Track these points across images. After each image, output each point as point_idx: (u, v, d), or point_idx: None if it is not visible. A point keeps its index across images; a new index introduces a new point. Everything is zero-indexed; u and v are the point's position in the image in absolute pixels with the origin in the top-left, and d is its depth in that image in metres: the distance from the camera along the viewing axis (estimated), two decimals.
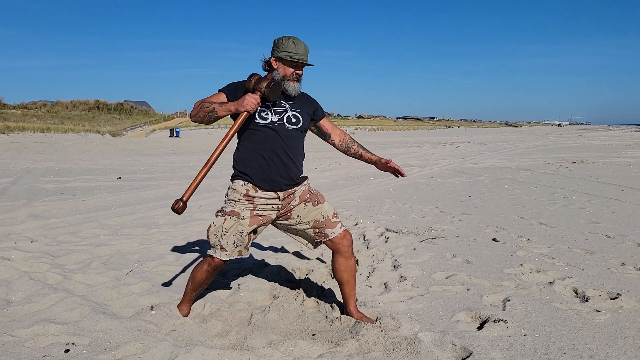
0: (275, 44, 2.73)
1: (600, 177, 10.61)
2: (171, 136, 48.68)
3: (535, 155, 17.96)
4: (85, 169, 13.75)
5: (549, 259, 4.30)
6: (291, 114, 2.81)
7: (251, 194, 2.74)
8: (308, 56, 2.76)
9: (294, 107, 2.83)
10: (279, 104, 2.79)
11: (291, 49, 2.68)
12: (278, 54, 2.70)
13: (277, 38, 2.75)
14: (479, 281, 3.70)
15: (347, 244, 2.90)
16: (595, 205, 7.04)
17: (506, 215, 6.30)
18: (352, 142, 3.07)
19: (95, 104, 69.39)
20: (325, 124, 3.04)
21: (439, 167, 13.23)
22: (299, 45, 2.70)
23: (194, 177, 2.63)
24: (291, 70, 2.73)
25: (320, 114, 3.00)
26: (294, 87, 2.76)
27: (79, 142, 33.48)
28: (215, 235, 2.74)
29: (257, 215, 2.76)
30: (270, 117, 2.74)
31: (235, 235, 2.73)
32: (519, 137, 41.40)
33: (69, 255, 4.31)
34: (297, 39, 2.72)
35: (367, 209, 6.75)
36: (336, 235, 2.87)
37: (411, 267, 4.01)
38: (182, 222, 5.96)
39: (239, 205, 2.75)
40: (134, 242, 4.90)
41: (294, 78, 2.75)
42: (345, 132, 3.12)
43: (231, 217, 2.73)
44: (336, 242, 2.88)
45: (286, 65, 2.72)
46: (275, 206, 2.80)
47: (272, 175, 2.74)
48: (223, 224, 2.73)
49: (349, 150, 3.06)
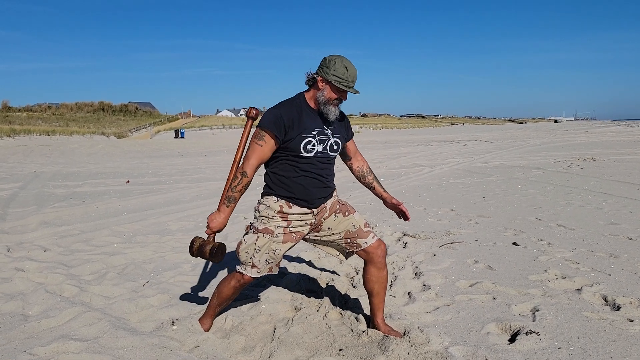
0: (326, 64, 2.55)
1: (613, 175, 10.48)
2: (176, 137, 48.74)
3: (545, 153, 17.80)
4: (93, 172, 13.71)
5: (573, 263, 4.19)
6: (333, 141, 2.70)
7: (285, 210, 2.65)
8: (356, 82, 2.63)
9: (335, 133, 2.72)
10: (323, 130, 2.65)
11: (342, 75, 2.53)
12: (327, 75, 2.54)
13: (327, 57, 2.59)
14: (504, 289, 3.60)
15: (381, 254, 2.81)
16: (612, 205, 6.92)
17: (523, 218, 6.19)
18: (369, 171, 2.98)
19: (99, 105, 69.56)
20: (350, 147, 2.94)
21: (448, 167, 13.11)
22: (351, 70, 2.56)
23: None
24: (336, 95, 2.60)
25: (350, 135, 2.91)
26: (335, 112, 2.63)
27: (85, 144, 33.54)
28: (246, 252, 2.66)
29: (291, 232, 2.68)
30: (316, 148, 2.62)
31: (268, 252, 2.65)
32: (525, 134, 41.16)
33: (84, 265, 4.24)
34: (349, 62, 2.58)
35: (381, 212, 6.66)
36: (369, 245, 2.79)
37: (433, 275, 3.91)
38: (195, 228, 5.89)
39: (272, 222, 2.66)
40: (148, 250, 4.82)
41: (337, 103, 2.63)
42: (366, 160, 3.03)
43: (264, 235, 2.64)
44: (370, 252, 2.79)
45: (333, 90, 2.58)
46: (308, 222, 2.72)
47: (310, 195, 2.66)
48: (256, 241, 2.64)
49: (364, 178, 2.97)
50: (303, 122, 2.58)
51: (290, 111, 2.58)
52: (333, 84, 2.54)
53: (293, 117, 2.56)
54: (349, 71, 2.55)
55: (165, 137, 49.30)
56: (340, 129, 2.77)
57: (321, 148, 2.63)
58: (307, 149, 2.58)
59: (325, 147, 2.65)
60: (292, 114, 2.57)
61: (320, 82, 2.58)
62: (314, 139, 2.60)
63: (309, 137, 2.59)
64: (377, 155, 18.57)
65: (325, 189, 2.72)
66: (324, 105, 2.61)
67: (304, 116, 2.59)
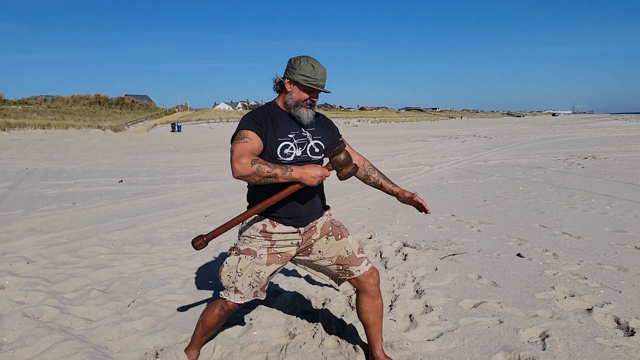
0: (291, 65, 2.42)
1: (615, 175, 10.28)
2: (173, 131, 48.38)
3: (545, 150, 17.58)
4: (86, 170, 13.47)
5: (581, 278, 4.00)
6: (314, 144, 2.50)
7: (269, 229, 2.44)
8: (326, 81, 2.45)
9: (314, 135, 2.52)
10: (300, 133, 2.47)
11: (309, 73, 2.37)
12: (294, 76, 2.39)
13: (293, 58, 2.44)
14: (511, 310, 3.40)
15: (374, 283, 2.60)
16: (617, 209, 6.73)
17: (526, 224, 5.99)
18: (372, 169, 2.75)
19: (96, 98, 69.07)
20: None
21: (448, 166, 12.89)
22: (318, 69, 2.39)
23: (222, 223, 2.36)
24: (306, 96, 2.42)
25: (336, 137, 2.70)
26: (307, 114, 2.45)
27: (80, 138, 33.22)
28: (228, 276, 2.45)
29: (275, 253, 2.47)
30: (294, 152, 2.42)
31: (251, 276, 2.44)
32: (524, 129, 40.94)
33: (67, 281, 4.02)
34: (316, 61, 2.42)
35: (379, 218, 6.45)
36: (362, 273, 2.58)
37: (435, 294, 3.71)
38: (187, 236, 5.67)
39: (255, 242, 2.45)
40: (136, 262, 4.61)
41: (308, 104, 2.44)
42: (366, 158, 2.80)
43: (246, 256, 2.44)
44: (362, 281, 2.59)
45: (301, 89, 2.41)
46: (295, 242, 2.51)
47: (295, 210, 2.44)
48: (237, 263, 2.44)
49: (368, 178, 2.75)
50: (277, 125, 2.40)
51: (262, 115, 2.42)
52: (301, 83, 2.38)
53: (266, 120, 2.39)
54: (316, 69, 2.38)
55: (162, 130, 48.93)
56: (321, 130, 2.58)
57: (300, 152, 2.44)
58: (285, 153, 2.39)
59: (304, 151, 2.45)
60: (265, 118, 2.40)
61: (287, 84, 2.43)
62: (291, 142, 2.42)
63: (285, 141, 2.40)
64: (376, 153, 18.34)
65: (312, 202, 2.50)
66: (294, 109, 2.43)
67: (277, 120, 2.42)
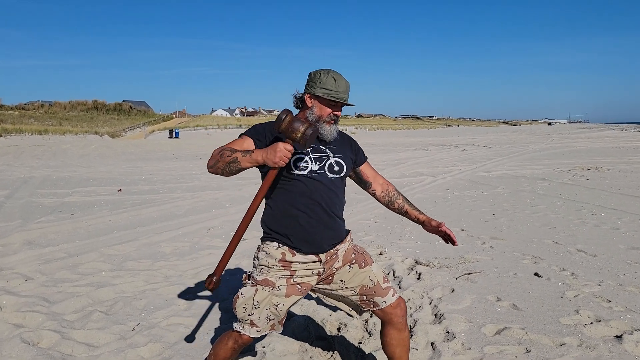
0: (312, 79, 2.28)
1: (621, 187, 10.16)
2: (170, 137, 48.18)
3: (547, 160, 17.48)
4: (84, 178, 13.26)
5: (605, 301, 3.84)
6: (334, 161, 2.34)
7: (288, 258, 2.27)
8: (349, 94, 2.30)
9: (335, 153, 2.37)
10: (319, 148, 2.33)
11: (331, 86, 2.23)
12: (314, 90, 2.25)
13: (313, 71, 2.29)
14: (536, 337, 3.23)
15: (401, 314, 2.43)
16: (628, 225, 6.59)
17: (539, 240, 5.83)
18: (396, 194, 2.60)
19: (93, 104, 68.89)
20: (366, 171, 2.58)
21: (451, 177, 12.74)
22: (340, 81, 2.25)
23: (225, 251, 2.21)
24: (329, 110, 2.28)
25: (362, 159, 2.55)
26: (330, 130, 2.31)
27: (78, 144, 32.98)
28: (244, 308, 2.27)
29: (295, 283, 2.29)
30: (310, 166, 2.28)
31: (269, 308, 2.26)
32: (522, 138, 40.95)
33: (67, 301, 3.83)
34: (338, 74, 2.27)
35: (388, 233, 6.28)
36: (388, 304, 2.41)
37: (456, 318, 3.53)
38: (191, 251, 5.48)
39: (273, 272, 2.28)
40: (139, 280, 4.42)
41: (331, 120, 2.29)
42: (390, 182, 2.65)
43: (264, 288, 2.26)
44: (388, 313, 2.41)
45: (323, 104, 2.27)
46: (316, 271, 2.33)
47: (314, 235, 2.27)
48: (254, 295, 2.25)
49: (392, 204, 2.59)
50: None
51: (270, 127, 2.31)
52: (322, 97, 2.24)
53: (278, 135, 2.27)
54: (337, 82, 2.24)
55: (160, 137, 48.72)
56: (343, 149, 2.43)
57: (317, 167, 2.29)
58: (299, 165, 2.25)
59: (322, 167, 2.30)
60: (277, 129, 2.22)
61: (308, 99, 2.29)
62: (306, 156, 2.29)
63: (300, 154, 2.27)
64: (377, 161, 18.19)
65: (332, 226, 2.34)
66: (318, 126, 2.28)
67: None
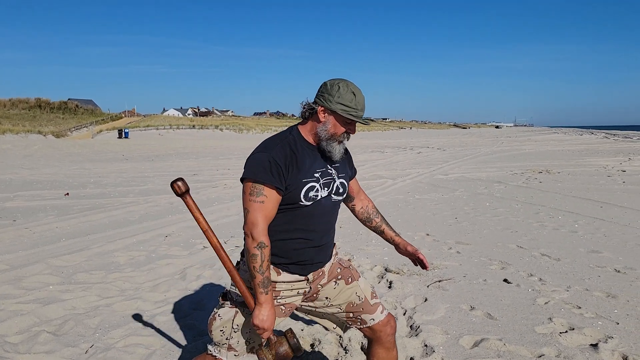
0: (327, 91, 2.00)
1: (572, 190, 10.49)
2: (120, 137, 46.61)
3: (499, 163, 17.94)
4: (27, 180, 12.47)
5: (575, 308, 3.85)
6: (339, 183, 2.14)
7: (272, 278, 2.05)
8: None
9: (339, 173, 2.16)
10: (327, 172, 2.09)
11: (349, 102, 1.98)
12: (331, 104, 1.98)
13: (329, 81, 2.02)
14: (514, 348, 3.16)
15: (391, 332, 2.27)
16: (585, 228, 6.76)
17: (504, 244, 5.86)
18: (375, 213, 2.43)
19: (36, 102, 65.44)
20: (353, 185, 2.39)
21: (410, 179, 12.82)
22: (359, 97, 2.01)
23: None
24: (343, 129, 2.03)
25: (353, 173, 2.36)
26: (340, 150, 2.08)
27: (19, 144, 31.25)
28: (221, 331, 2.05)
29: (279, 305, 2.09)
30: (320, 194, 2.04)
31: (249, 332, 2.05)
32: (472, 141, 42.09)
33: (10, 320, 3.46)
34: (356, 87, 2.02)
35: (354, 238, 6.15)
36: (377, 322, 2.24)
37: (432, 330, 3.42)
38: (147, 261, 5.14)
39: None
40: (91, 294, 4.07)
41: (343, 139, 2.07)
42: (370, 199, 2.49)
43: (245, 309, 2.04)
44: (377, 330, 2.25)
45: (339, 121, 2.01)
46: (302, 291, 2.14)
47: (305, 257, 2.07)
48: (234, 318, 2.04)
49: (370, 222, 2.42)
50: (302, 164, 1.99)
51: (283, 153, 1.97)
52: (339, 114, 1.98)
53: (288, 160, 1.96)
54: (357, 98, 1.99)
55: (108, 137, 46.96)
56: (345, 167, 2.22)
57: (326, 192, 2.06)
58: (309, 196, 2.00)
59: (330, 191, 2.09)
60: (286, 157, 1.96)
61: (321, 112, 2.00)
62: (317, 183, 2.03)
63: (311, 182, 2.01)
64: None
65: (325, 249, 2.15)
66: (327, 142, 2.03)
67: (301, 156, 2.00)
